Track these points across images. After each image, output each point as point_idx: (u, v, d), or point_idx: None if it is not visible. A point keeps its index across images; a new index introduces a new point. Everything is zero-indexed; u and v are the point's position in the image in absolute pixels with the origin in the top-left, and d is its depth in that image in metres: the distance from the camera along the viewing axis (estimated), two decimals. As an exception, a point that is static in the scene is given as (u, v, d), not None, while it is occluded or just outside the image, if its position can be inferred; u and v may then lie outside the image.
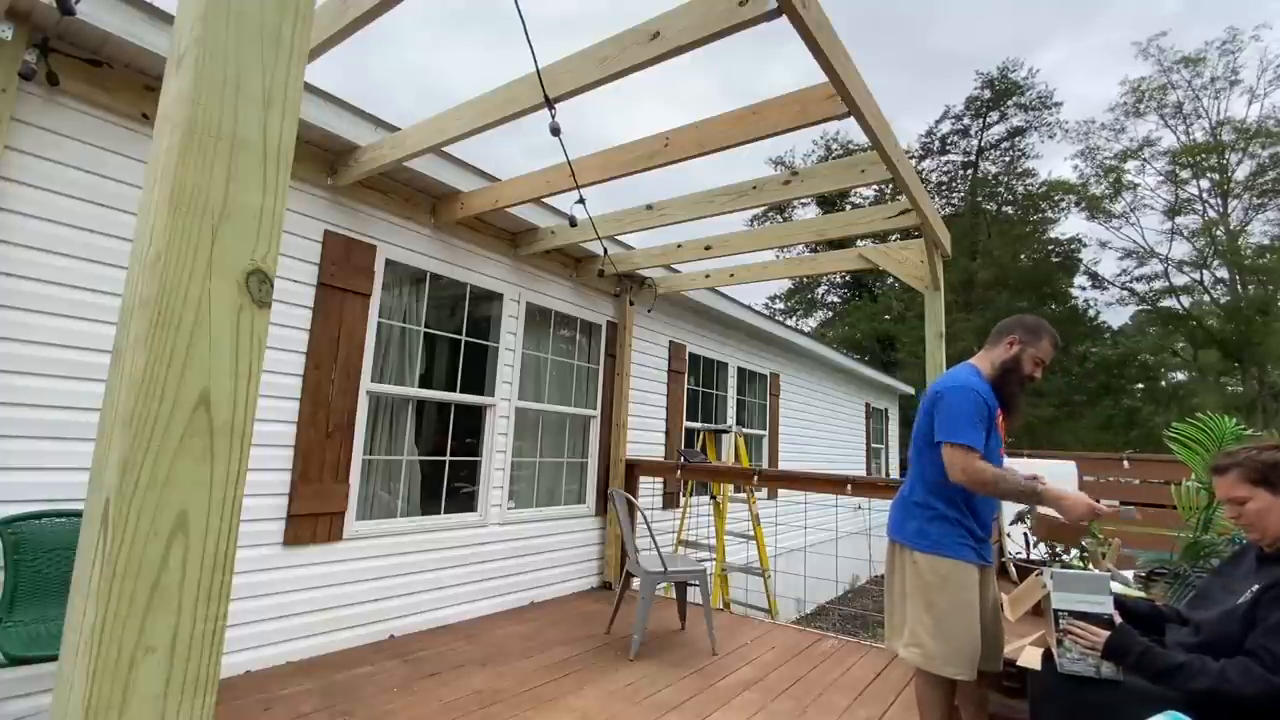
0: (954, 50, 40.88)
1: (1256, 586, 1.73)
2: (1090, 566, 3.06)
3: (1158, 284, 23.17)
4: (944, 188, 26.28)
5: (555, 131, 2.38)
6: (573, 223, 3.13)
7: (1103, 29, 38.01)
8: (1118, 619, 1.87)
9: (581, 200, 3.09)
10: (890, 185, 3.40)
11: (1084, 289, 24.18)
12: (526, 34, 2.02)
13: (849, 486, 4.28)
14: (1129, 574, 2.82)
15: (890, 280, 24.10)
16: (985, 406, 2.26)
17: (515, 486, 4.58)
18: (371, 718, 2.61)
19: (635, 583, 4.21)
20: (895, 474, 14.04)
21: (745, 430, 7.41)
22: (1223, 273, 21.99)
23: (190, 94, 0.59)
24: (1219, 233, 21.63)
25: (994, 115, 25.02)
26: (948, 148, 26.23)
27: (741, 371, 7.71)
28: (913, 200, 3.24)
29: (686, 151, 2.91)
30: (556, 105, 2.44)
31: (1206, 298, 22.39)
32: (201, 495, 0.58)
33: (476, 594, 4.12)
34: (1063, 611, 1.93)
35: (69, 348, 2.50)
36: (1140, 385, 23.43)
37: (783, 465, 8.48)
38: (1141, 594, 2.56)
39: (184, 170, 0.58)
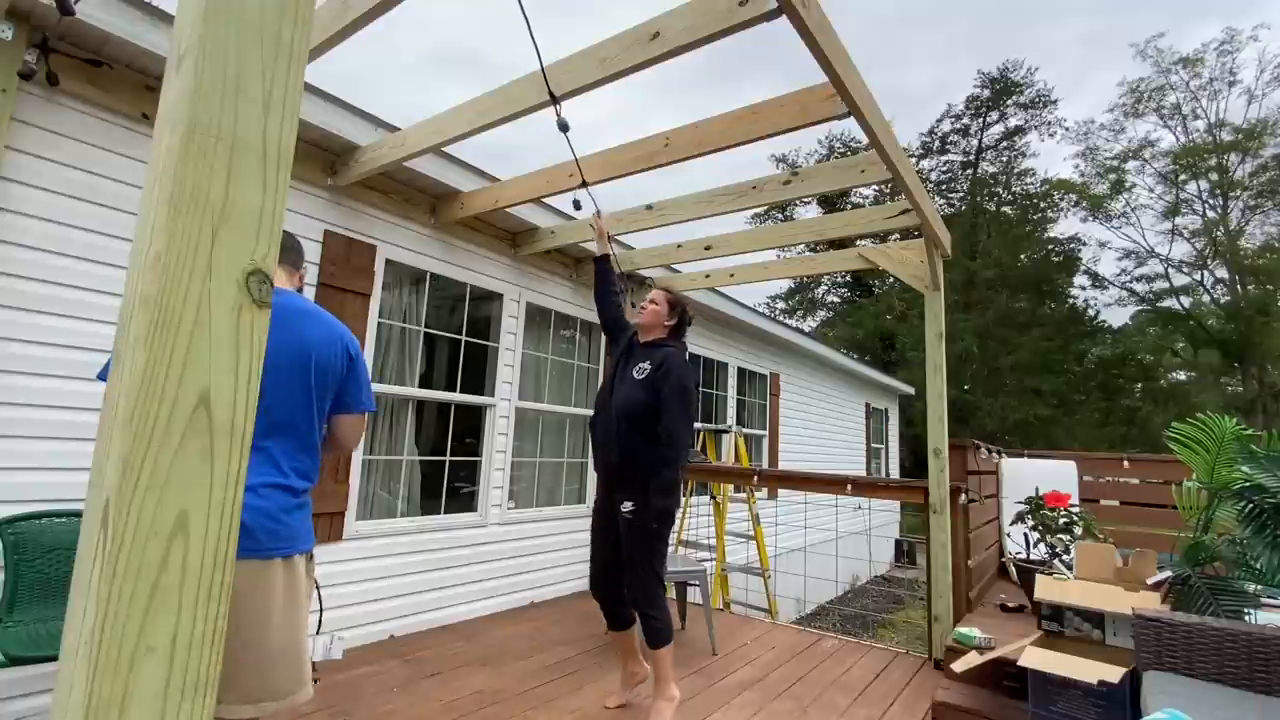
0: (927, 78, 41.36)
1: (647, 364, 2.67)
2: (1069, 573, 3.06)
3: (1158, 284, 23.18)
4: (944, 187, 26.28)
5: (564, 128, 2.38)
6: (577, 205, 3.14)
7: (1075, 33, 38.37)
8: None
9: (585, 184, 3.09)
10: (890, 185, 3.40)
11: (1084, 289, 24.21)
12: (530, 30, 2.02)
13: (849, 486, 4.28)
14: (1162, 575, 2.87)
15: (891, 279, 24.11)
16: None
17: (515, 486, 4.58)
18: (371, 718, 2.61)
19: (635, 583, 4.20)
20: (895, 474, 14.05)
21: (745, 430, 7.42)
22: (1222, 273, 22.00)
23: (190, 95, 0.59)
24: (1218, 233, 21.63)
25: (994, 115, 25.02)
26: (947, 147, 26.23)
27: (741, 371, 7.71)
28: (913, 200, 3.24)
29: (686, 151, 2.91)
30: (561, 103, 2.44)
31: (1206, 298, 22.39)
32: (201, 495, 0.58)
33: (476, 594, 4.12)
34: None
35: (69, 348, 2.50)
36: (1139, 385, 23.43)
37: (783, 465, 8.48)
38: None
39: (184, 171, 0.58)
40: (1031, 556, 3.71)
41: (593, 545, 2.82)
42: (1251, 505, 2.64)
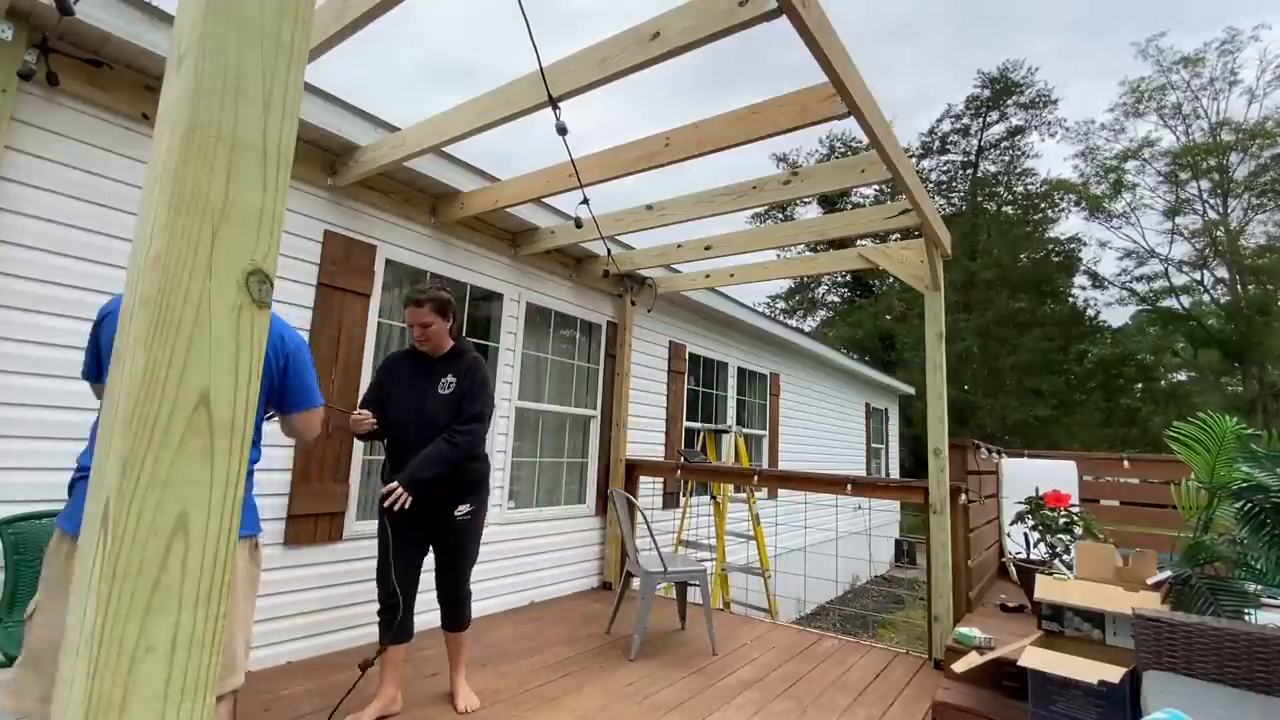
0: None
1: (452, 377, 2.66)
2: (1070, 572, 3.07)
3: (1158, 284, 23.16)
4: (944, 187, 26.27)
5: (562, 131, 2.38)
6: (578, 224, 3.14)
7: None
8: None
9: (585, 201, 3.09)
10: (890, 185, 3.40)
11: (1084, 289, 24.20)
12: (530, 33, 2.02)
13: (849, 486, 4.28)
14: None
15: (891, 279, 24.11)
16: None
17: (515, 486, 4.58)
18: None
19: (635, 583, 4.21)
20: (895, 474, 14.04)
21: (745, 430, 7.42)
22: (1223, 273, 21.99)
23: (190, 95, 0.59)
24: (1219, 233, 21.62)
25: (994, 115, 25.01)
26: (948, 147, 26.22)
27: (741, 371, 7.71)
28: (913, 200, 3.24)
29: (686, 151, 2.91)
30: (558, 104, 2.44)
31: (1206, 298, 22.38)
32: (201, 495, 0.58)
33: (476, 594, 4.08)
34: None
35: (69, 348, 2.50)
36: (1139, 385, 23.42)
37: (783, 465, 8.49)
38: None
39: (184, 171, 0.58)
40: (1031, 556, 3.71)
41: (404, 558, 2.67)
42: (1251, 505, 2.64)
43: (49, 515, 2.36)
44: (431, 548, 2.76)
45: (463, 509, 2.69)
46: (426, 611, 3.79)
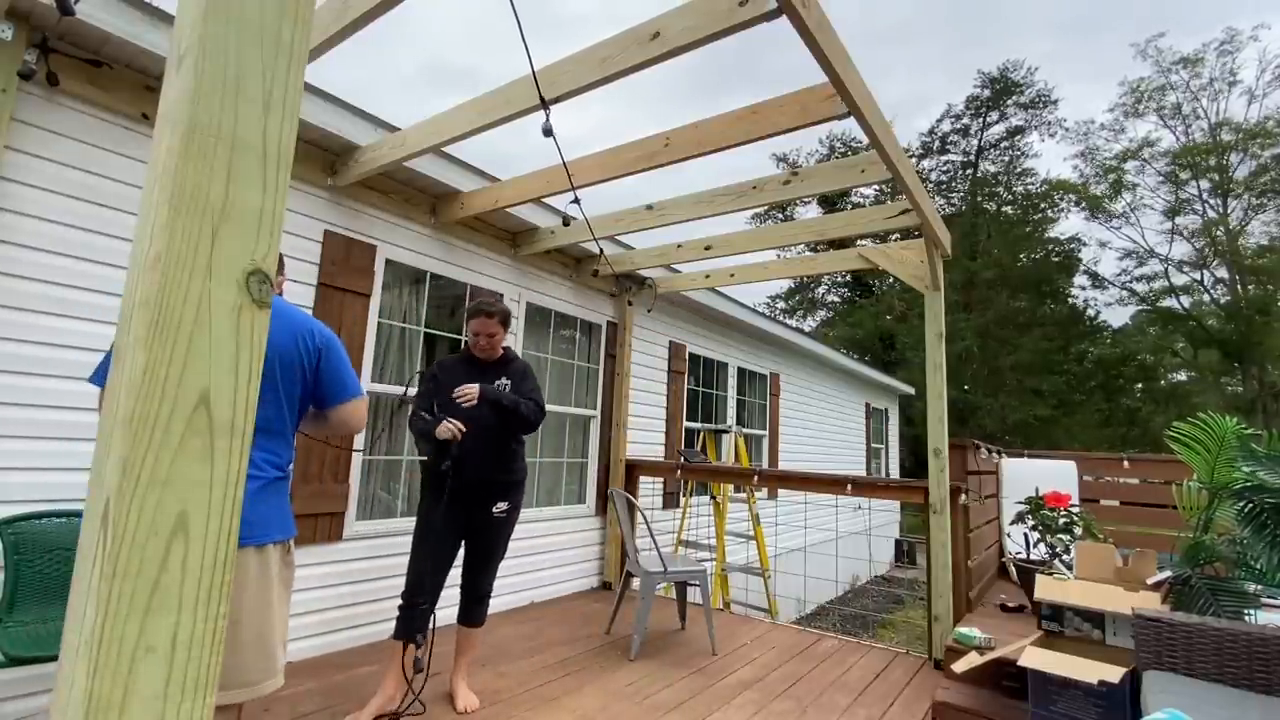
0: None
1: (506, 379, 2.84)
2: (1069, 572, 3.07)
3: (1158, 284, 23.16)
4: (944, 187, 26.26)
5: (548, 133, 2.40)
6: (566, 222, 3.14)
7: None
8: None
9: (576, 200, 3.10)
10: (890, 185, 3.40)
11: (1084, 289, 24.20)
12: (522, 34, 2.02)
13: (849, 486, 4.28)
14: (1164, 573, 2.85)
15: (891, 279, 24.11)
16: None
17: (515, 486, 4.58)
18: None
19: (635, 583, 4.21)
20: (895, 474, 14.04)
21: (745, 430, 7.42)
22: (1223, 273, 21.98)
23: (190, 95, 0.59)
24: (1219, 233, 21.61)
25: (994, 115, 25.01)
26: (948, 147, 26.22)
27: (741, 371, 7.71)
28: (913, 200, 3.24)
29: (686, 151, 2.91)
30: (558, 105, 2.44)
31: (1206, 298, 22.38)
32: (201, 495, 0.58)
33: (476, 594, 4.11)
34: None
35: (68, 348, 2.50)
36: (1139, 385, 23.41)
37: (783, 465, 8.48)
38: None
39: (184, 171, 0.58)
40: (1031, 556, 3.71)
41: (438, 555, 2.72)
42: (1251, 505, 2.64)
43: (48, 515, 2.36)
44: (464, 544, 2.85)
45: (501, 506, 2.80)
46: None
